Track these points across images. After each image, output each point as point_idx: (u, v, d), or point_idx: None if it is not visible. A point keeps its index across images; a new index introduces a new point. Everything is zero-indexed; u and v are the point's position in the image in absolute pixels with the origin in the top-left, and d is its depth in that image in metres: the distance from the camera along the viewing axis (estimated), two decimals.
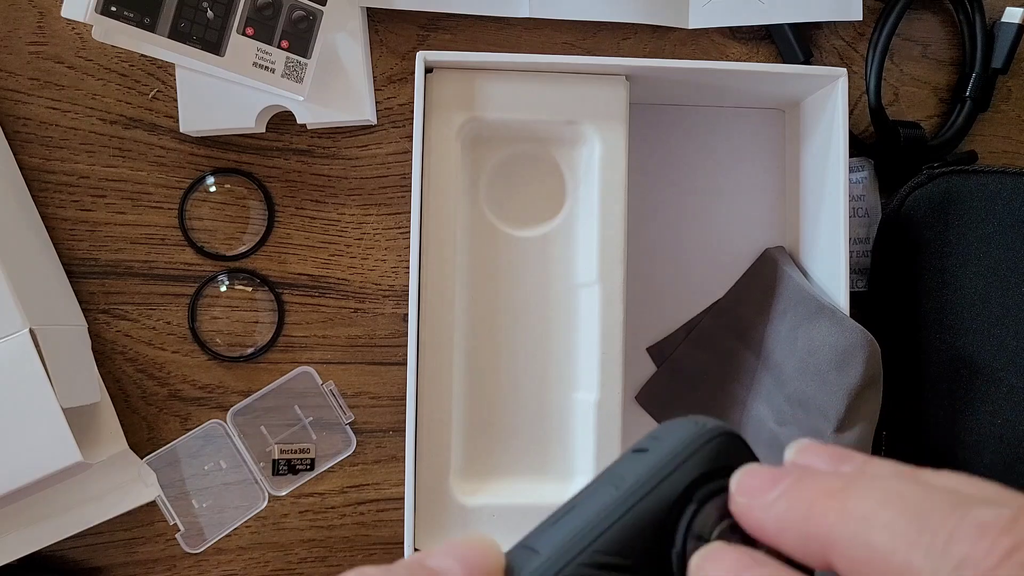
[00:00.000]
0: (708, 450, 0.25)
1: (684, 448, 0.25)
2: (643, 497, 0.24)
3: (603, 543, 0.23)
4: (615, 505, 0.24)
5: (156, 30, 0.50)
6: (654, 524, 0.24)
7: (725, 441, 0.25)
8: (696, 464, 0.25)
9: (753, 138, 0.60)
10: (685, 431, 0.26)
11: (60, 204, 0.57)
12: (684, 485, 0.24)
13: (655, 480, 0.25)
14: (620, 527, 0.24)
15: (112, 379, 0.57)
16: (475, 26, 0.58)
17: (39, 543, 0.53)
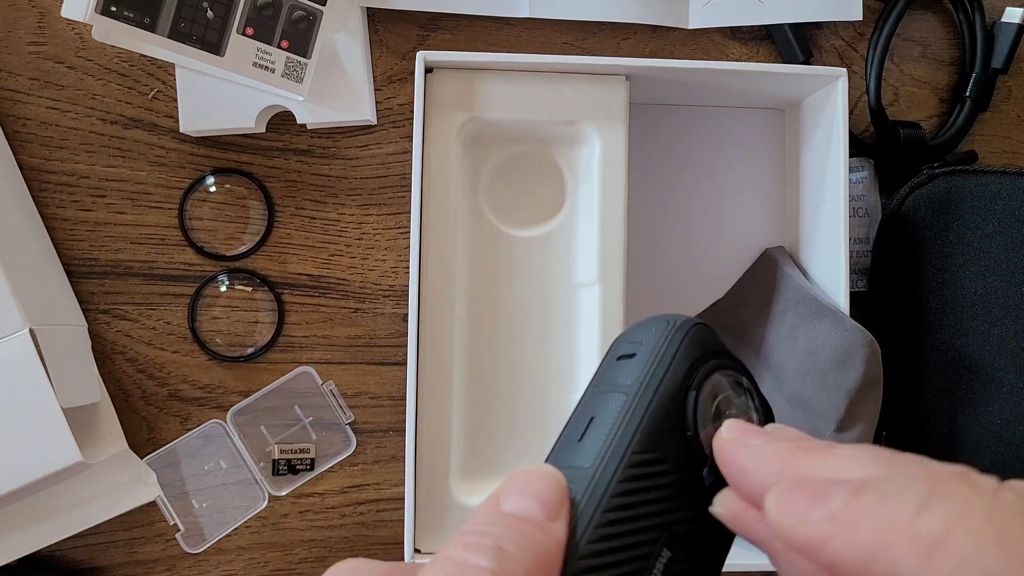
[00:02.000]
0: (690, 342, 0.28)
1: (669, 345, 0.28)
2: (653, 395, 0.27)
3: (637, 444, 0.26)
4: (634, 409, 0.26)
5: (156, 30, 0.50)
6: (668, 415, 0.27)
7: (700, 331, 0.28)
8: (685, 355, 0.28)
9: (753, 138, 0.60)
10: (661, 330, 0.29)
11: (60, 204, 0.57)
12: (682, 376, 0.27)
13: (658, 378, 0.27)
14: (645, 427, 0.26)
15: (112, 379, 0.57)
16: (475, 26, 0.58)
17: (39, 543, 0.53)
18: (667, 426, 0.26)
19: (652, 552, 0.25)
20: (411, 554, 0.50)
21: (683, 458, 0.26)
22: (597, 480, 0.25)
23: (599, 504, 0.25)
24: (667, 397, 0.27)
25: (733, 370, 0.29)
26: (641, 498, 0.25)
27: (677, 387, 0.27)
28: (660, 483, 0.26)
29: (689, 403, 0.27)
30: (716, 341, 0.29)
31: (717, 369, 0.28)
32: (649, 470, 0.26)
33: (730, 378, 0.29)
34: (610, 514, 0.24)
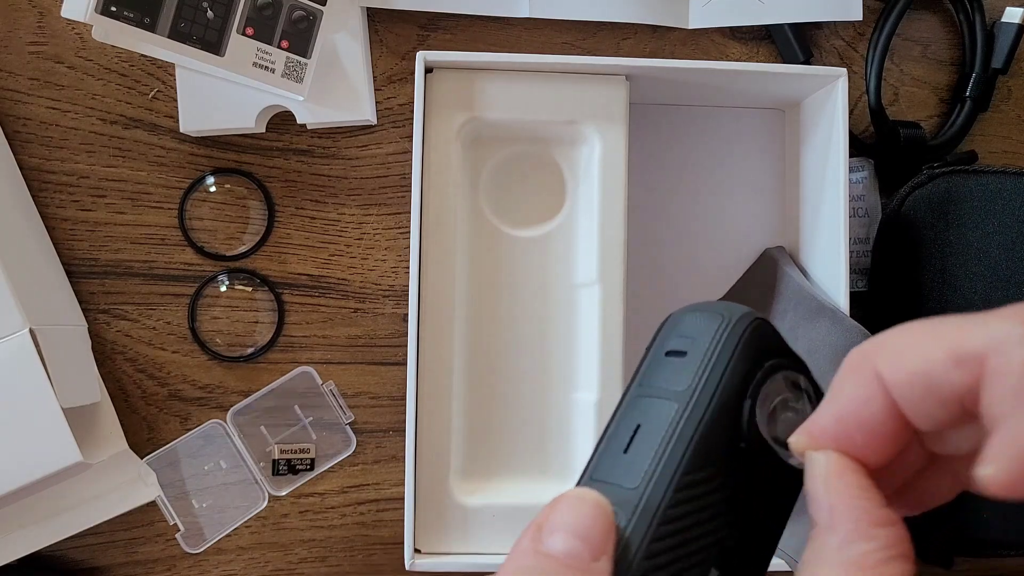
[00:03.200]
0: (747, 342, 0.26)
1: (724, 345, 0.26)
2: (707, 407, 0.25)
3: (688, 464, 0.24)
4: (685, 422, 0.25)
5: (156, 30, 0.50)
6: (722, 428, 0.25)
7: (758, 328, 0.26)
8: (742, 359, 0.25)
9: (753, 138, 0.60)
10: (716, 325, 0.26)
11: (60, 204, 0.57)
12: (739, 383, 0.25)
13: (712, 386, 0.25)
14: (697, 444, 0.25)
15: (112, 379, 0.57)
16: (475, 26, 0.58)
17: (39, 543, 0.53)
18: (720, 439, 0.25)
19: (702, 573, 0.24)
20: (411, 554, 0.50)
21: (734, 470, 0.25)
22: (645, 504, 0.24)
23: (647, 532, 0.23)
24: (722, 409, 0.25)
25: (792, 369, 0.27)
26: (692, 520, 0.24)
27: (733, 396, 0.25)
28: (711, 501, 0.24)
29: (744, 413, 0.25)
30: (775, 337, 0.27)
31: (775, 371, 0.26)
32: (700, 490, 0.24)
33: (788, 378, 0.27)
34: (658, 544, 0.23)
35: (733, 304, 0.27)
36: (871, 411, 0.24)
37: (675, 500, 0.24)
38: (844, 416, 0.25)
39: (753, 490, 0.25)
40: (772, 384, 0.26)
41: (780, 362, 0.26)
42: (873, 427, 0.24)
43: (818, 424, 0.25)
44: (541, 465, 0.54)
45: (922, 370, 0.23)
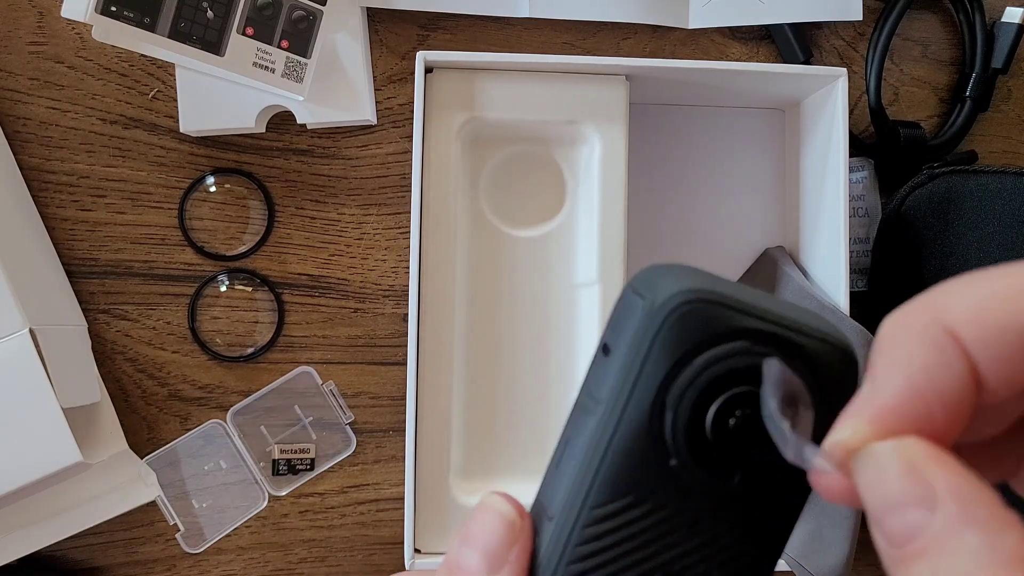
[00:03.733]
0: (667, 336, 0.21)
1: (642, 339, 0.22)
2: (619, 421, 0.22)
3: (600, 491, 0.22)
4: (599, 440, 0.22)
5: (156, 30, 0.50)
6: (640, 447, 0.22)
7: (688, 313, 0.21)
8: (660, 358, 0.21)
9: (753, 138, 0.60)
10: (638, 311, 0.22)
11: (60, 204, 0.57)
12: (654, 391, 0.21)
13: (625, 394, 0.22)
14: (607, 470, 0.22)
15: (112, 379, 0.57)
16: (475, 26, 0.58)
17: (39, 543, 0.53)
18: (640, 459, 0.22)
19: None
20: (411, 554, 0.50)
21: (667, 491, 0.22)
22: (560, 529, 0.22)
23: (561, 558, 0.22)
24: (635, 424, 0.21)
25: (745, 353, 0.22)
26: (614, 551, 0.22)
27: (648, 408, 0.21)
28: (641, 527, 0.22)
29: (667, 426, 0.22)
30: (715, 320, 0.21)
31: (712, 364, 0.21)
32: (621, 520, 0.22)
33: (741, 361, 0.22)
34: (577, 566, 0.22)
35: (671, 275, 0.22)
36: (952, 379, 0.19)
37: (590, 531, 0.22)
38: (921, 389, 0.19)
39: (706, 510, 0.22)
40: (709, 379, 0.21)
41: (721, 350, 0.21)
42: (956, 400, 0.19)
43: (885, 404, 0.19)
44: (541, 465, 0.53)
45: (1017, 322, 0.19)
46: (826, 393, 0.22)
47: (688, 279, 0.22)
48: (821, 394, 0.22)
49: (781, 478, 0.22)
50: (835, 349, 0.22)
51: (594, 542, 0.22)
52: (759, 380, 0.21)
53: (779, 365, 0.21)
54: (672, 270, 0.22)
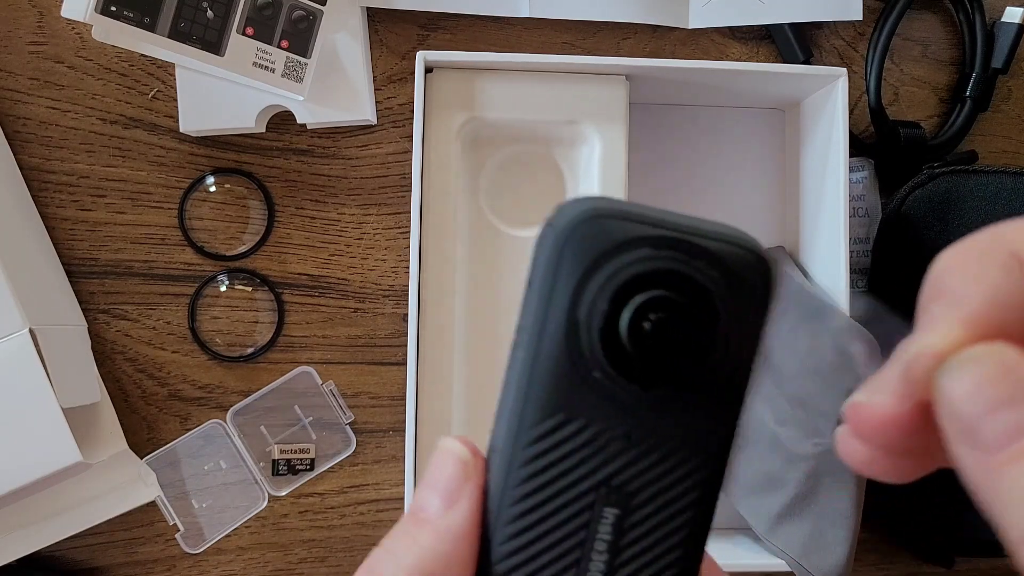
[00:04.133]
0: (572, 252, 0.22)
1: (550, 262, 0.22)
2: (539, 344, 0.22)
3: (531, 419, 0.22)
4: (524, 370, 0.22)
5: (156, 30, 0.50)
6: (563, 365, 0.22)
7: (587, 230, 0.22)
8: (569, 275, 0.22)
9: (753, 138, 0.60)
10: (548, 237, 0.22)
11: (60, 204, 0.57)
12: (566, 306, 0.22)
13: (541, 318, 0.22)
14: (536, 392, 0.22)
15: (112, 379, 0.57)
16: (475, 26, 0.58)
17: (39, 543, 0.53)
18: (564, 377, 0.22)
19: (590, 517, 0.22)
20: None
21: (601, 402, 0.22)
22: (503, 457, 0.23)
23: (507, 483, 0.23)
24: (554, 343, 0.22)
25: (648, 259, 0.22)
26: (554, 469, 0.22)
27: (564, 325, 0.22)
28: (577, 443, 0.22)
29: (583, 340, 0.22)
30: (616, 231, 0.22)
31: (617, 272, 0.22)
32: (556, 438, 0.22)
33: (645, 267, 0.22)
34: (521, 488, 0.22)
35: (578, 202, 0.22)
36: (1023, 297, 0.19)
37: (529, 452, 0.22)
38: (1001, 301, 0.19)
39: (638, 420, 0.22)
40: (616, 286, 0.22)
41: (624, 259, 0.22)
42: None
43: (973, 312, 0.19)
44: None
45: None
46: (738, 297, 0.22)
47: (592, 201, 0.22)
48: (733, 298, 0.22)
49: (711, 379, 0.22)
50: (744, 251, 0.23)
51: (534, 462, 0.22)
52: (669, 284, 0.22)
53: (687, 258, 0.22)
54: (581, 199, 0.23)
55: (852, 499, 0.52)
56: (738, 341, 0.22)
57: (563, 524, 0.23)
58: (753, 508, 0.55)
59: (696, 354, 0.22)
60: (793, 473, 0.53)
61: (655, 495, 0.23)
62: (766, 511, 0.54)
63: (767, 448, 0.55)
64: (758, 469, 0.55)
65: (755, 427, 0.56)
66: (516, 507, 0.23)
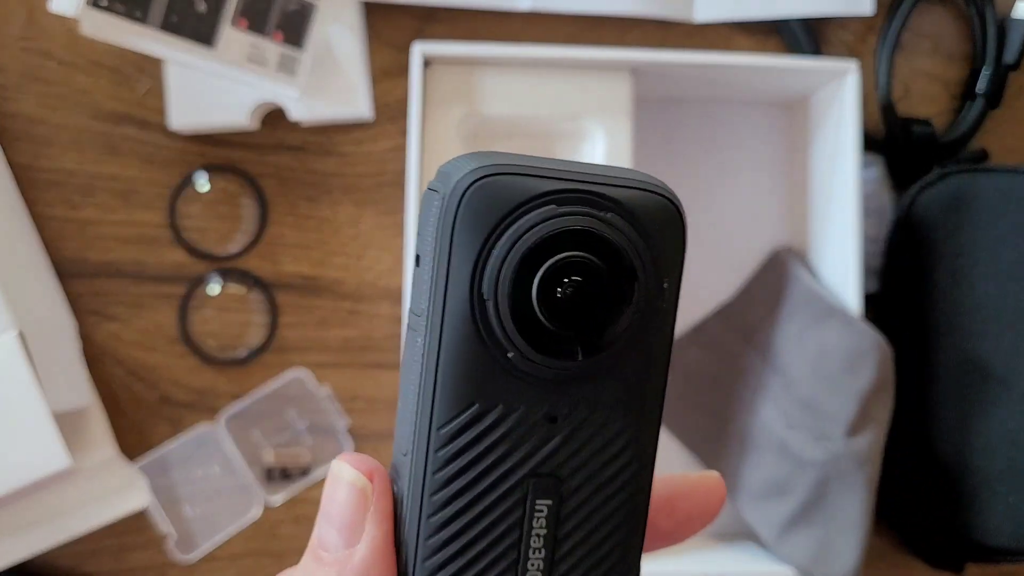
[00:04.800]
0: (465, 222, 0.19)
1: (443, 233, 0.20)
2: (442, 328, 0.20)
3: (440, 416, 0.20)
4: (426, 359, 0.20)
5: (147, 23, 0.49)
6: (471, 344, 0.20)
7: (480, 193, 0.19)
8: (464, 248, 0.19)
9: (761, 134, 0.59)
10: (434, 206, 0.20)
11: (48, 202, 0.55)
12: (468, 282, 0.20)
13: (440, 297, 0.20)
14: (443, 384, 0.20)
15: (101, 382, 0.56)
16: (474, 19, 0.57)
17: (27, 550, 0.52)
18: (473, 362, 0.20)
19: (521, 513, 0.21)
20: None
21: (519, 384, 0.20)
22: (415, 462, 0.20)
23: (423, 492, 0.20)
24: (458, 325, 0.20)
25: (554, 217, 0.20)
26: (474, 469, 0.20)
27: (467, 303, 0.20)
28: (497, 435, 0.20)
29: (491, 317, 0.20)
30: (514, 189, 0.20)
31: (521, 235, 0.19)
32: (472, 433, 0.20)
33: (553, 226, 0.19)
34: (439, 495, 0.20)
35: (463, 161, 0.20)
36: None
37: (444, 454, 0.20)
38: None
39: (562, 398, 0.20)
40: (524, 252, 0.19)
41: (527, 220, 0.19)
42: None
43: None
44: None
45: None
46: (654, 245, 0.21)
47: (479, 159, 0.20)
48: (649, 248, 0.20)
49: (635, 339, 0.21)
50: (653, 195, 0.21)
51: (451, 464, 0.20)
52: (580, 243, 0.20)
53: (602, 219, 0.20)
54: (464, 157, 0.21)
55: (862, 505, 0.51)
56: (658, 293, 0.21)
57: (493, 526, 0.21)
58: (761, 515, 0.54)
59: (617, 316, 0.20)
60: (801, 479, 0.52)
61: (590, 477, 0.21)
62: (774, 518, 0.53)
63: (775, 454, 0.54)
64: (766, 475, 0.54)
65: (763, 432, 0.55)
66: (436, 517, 0.21)
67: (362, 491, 0.21)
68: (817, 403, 0.52)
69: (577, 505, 0.21)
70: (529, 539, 0.21)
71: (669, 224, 0.21)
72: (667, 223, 0.21)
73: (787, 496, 0.53)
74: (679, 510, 0.23)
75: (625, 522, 0.21)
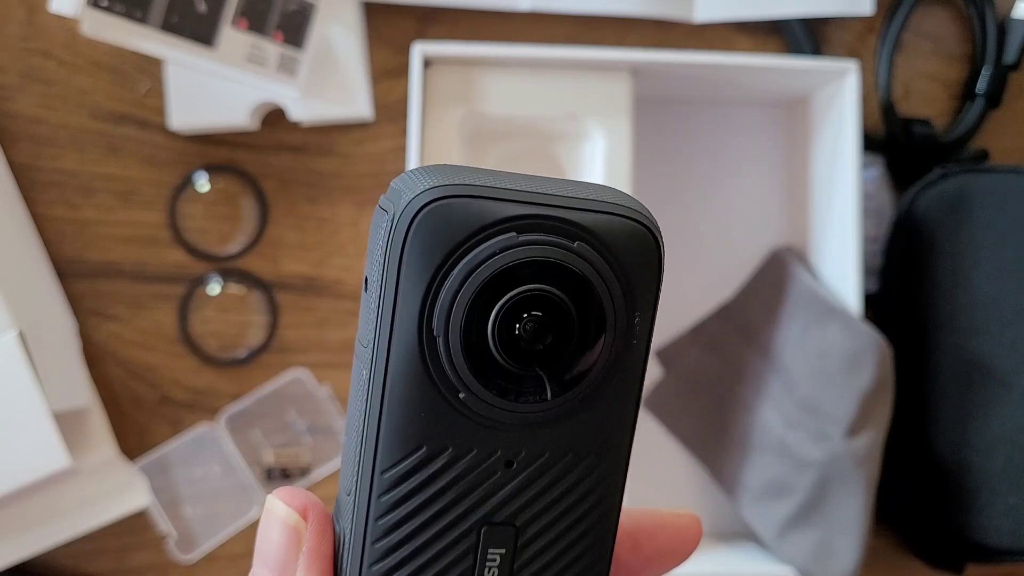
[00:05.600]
0: (415, 248, 0.17)
1: (391, 258, 0.18)
2: (387, 363, 0.18)
3: (384, 460, 0.18)
4: (370, 396, 0.18)
5: (148, 23, 0.49)
6: (419, 383, 0.18)
7: (433, 217, 0.17)
8: (414, 277, 0.17)
9: (761, 134, 0.59)
10: (382, 227, 0.18)
11: (49, 202, 0.55)
12: (417, 316, 0.18)
13: (386, 330, 0.18)
14: (388, 424, 0.18)
15: (102, 382, 0.55)
16: (474, 19, 0.57)
17: (27, 550, 0.52)
18: (420, 402, 0.18)
19: (472, 562, 0.19)
20: None
21: (472, 426, 0.18)
22: (357, 505, 0.19)
23: (365, 538, 0.19)
24: (405, 362, 0.18)
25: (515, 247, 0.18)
26: (420, 516, 0.19)
27: (416, 338, 0.18)
28: (447, 480, 0.19)
29: (442, 355, 0.18)
30: (470, 214, 0.18)
31: (477, 267, 0.17)
32: (419, 478, 0.18)
33: (512, 256, 0.18)
34: (383, 543, 0.19)
35: (415, 177, 0.18)
36: None
37: (387, 500, 0.18)
38: None
39: (522, 440, 0.19)
40: (480, 285, 0.18)
41: (484, 250, 0.17)
42: None
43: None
44: None
45: None
46: (625, 279, 0.19)
47: (434, 176, 0.18)
48: (620, 281, 0.19)
49: (601, 380, 0.19)
50: (625, 220, 0.19)
51: (395, 511, 0.19)
52: (542, 276, 0.18)
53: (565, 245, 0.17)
54: (419, 171, 0.19)
55: (861, 506, 0.51)
56: (628, 331, 0.19)
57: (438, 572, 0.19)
58: (760, 515, 0.54)
59: (582, 356, 0.18)
60: (801, 479, 0.52)
61: (550, 524, 0.19)
62: (774, 518, 0.53)
63: (775, 454, 0.54)
64: (766, 475, 0.54)
65: (763, 432, 0.55)
66: (379, 566, 0.19)
67: (293, 528, 0.20)
68: (817, 403, 0.52)
69: (535, 554, 0.19)
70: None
71: (643, 254, 0.19)
72: (641, 252, 0.19)
73: (787, 496, 0.53)
74: (644, 547, 0.22)
75: (588, 569, 0.20)
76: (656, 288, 0.20)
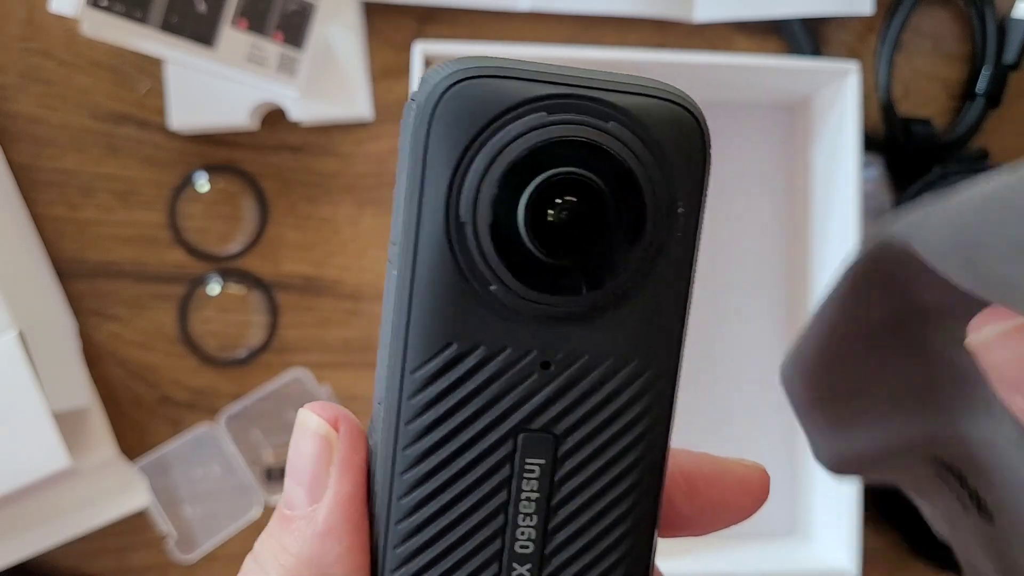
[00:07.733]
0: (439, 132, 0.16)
1: (417, 145, 0.17)
2: (415, 256, 0.17)
3: (413, 359, 0.18)
4: (399, 294, 0.17)
5: (147, 23, 0.49)
6: (448, 276, 0.17)
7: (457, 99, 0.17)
8: (438, 163, 0.17)
9: (760, 134, 0.59)
10: (409, 117, 0.17)
11: (48, 202, 0.55)
12: (443, 202, 0.17)
13: (413, 221, 0.17)
14: (417, 322, 0.17)
15: (101, 382, 0.55)
16: (474, 20, 0.57)
17: (27, 550, 0.52)
18: (450, 296, 0.17)
19: (509, 473, 0.18)
20: None
21: (505, 323, 0.17)
22: (388, 410, 0.18)
23: (395, 445, 0.18)
24: (432, 252, 0.17)
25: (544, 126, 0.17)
26: (451, 420, 0.18)
27: (442, 227, 0.17)
28: (478, 382, 0.18)
29: (471, 243, 0.17)
30: (497, 94, 0.17)
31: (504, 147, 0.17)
32: (449, 379, 0.18)
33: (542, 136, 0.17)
34: (414, 448, 0.18)
35: (445, 67, 0.17)
36: None
37: (416, 403, 0.18)
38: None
39: (558, 339, 0.17)
40: (509, 166, 0.17)
41: (511, 130, 0.17)
42: None
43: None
44: None
45: None
46: (666, 164, 0.18)
47: (463, 62, 0.17)
48: (660, 166, 0.18)
49: (642, 273, 0.18)
50: (666, 102, 0.18)
51: (425, 414, 0.18)
52: (576, 159, 0.17)
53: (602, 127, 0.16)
54: (450, 62, 0.17)
55: None
56: (670, 222, 0.18)
57: (474, 487, 0.18)
58: None
59: (620, 245, 0.17)
60: None
61: (591, 434, 0.18)
62: None
63: None
64: None
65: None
66: (410, 473, 0.18)
67: (324, 439, 0.19)
68: None
69: (576, 466, 0.18)
70: (518, 504, 0.18)
71: (685, 138, 0.18)
72: (682, 137, 0.18)
73: None
74: (701, 494, 0.20)
75: (634, 489, 0.18)
76: (702, 178, 0.19)
